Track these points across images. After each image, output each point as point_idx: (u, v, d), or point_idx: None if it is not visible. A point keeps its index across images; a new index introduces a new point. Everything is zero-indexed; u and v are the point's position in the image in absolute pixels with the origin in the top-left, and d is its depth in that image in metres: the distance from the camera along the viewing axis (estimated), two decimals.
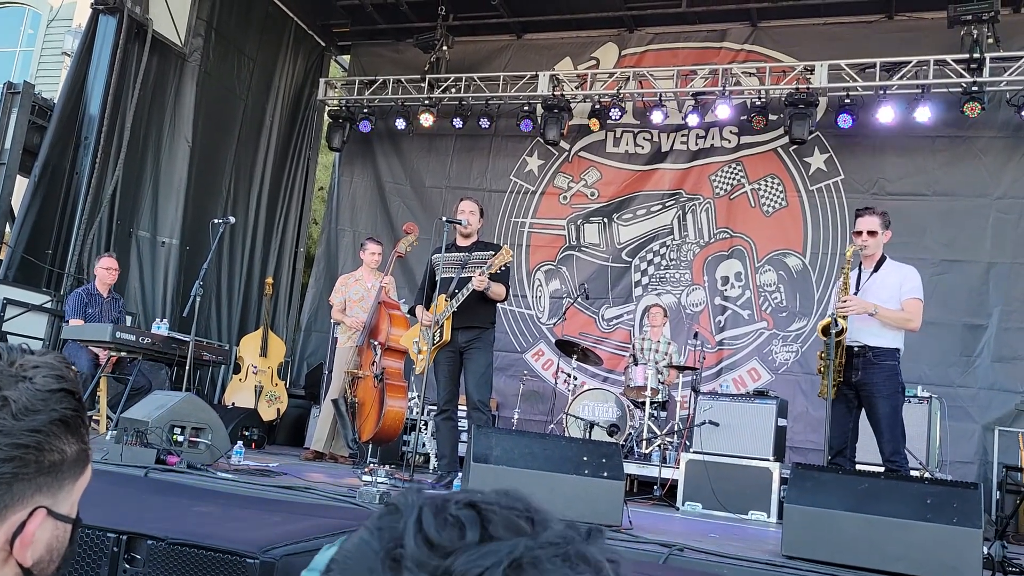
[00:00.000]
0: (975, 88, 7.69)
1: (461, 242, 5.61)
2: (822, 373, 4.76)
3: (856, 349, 4.72)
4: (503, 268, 5.25)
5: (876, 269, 4.87)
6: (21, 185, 7.85)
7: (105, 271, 6.99)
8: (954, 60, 7.83)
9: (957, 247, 8.12)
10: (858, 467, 6.09)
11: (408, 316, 6.46)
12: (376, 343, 6.34)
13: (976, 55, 7.67)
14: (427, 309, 5.47)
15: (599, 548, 0.59)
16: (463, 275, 5.35)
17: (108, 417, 6.71)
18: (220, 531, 2.70)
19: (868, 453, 6.46)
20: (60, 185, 7.87)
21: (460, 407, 5.66)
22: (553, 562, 0.55)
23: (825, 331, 4.72)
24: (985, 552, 3.47)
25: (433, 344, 5.35)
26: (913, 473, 6.10)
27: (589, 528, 0.61)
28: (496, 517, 0.57)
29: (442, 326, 5.30)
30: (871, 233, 4.82)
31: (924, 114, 7.93)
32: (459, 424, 5.81)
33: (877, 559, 3.32)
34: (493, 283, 5.21)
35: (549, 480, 3.83)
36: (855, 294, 4.84)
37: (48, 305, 7.63)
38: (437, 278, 5.46)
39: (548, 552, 0.55)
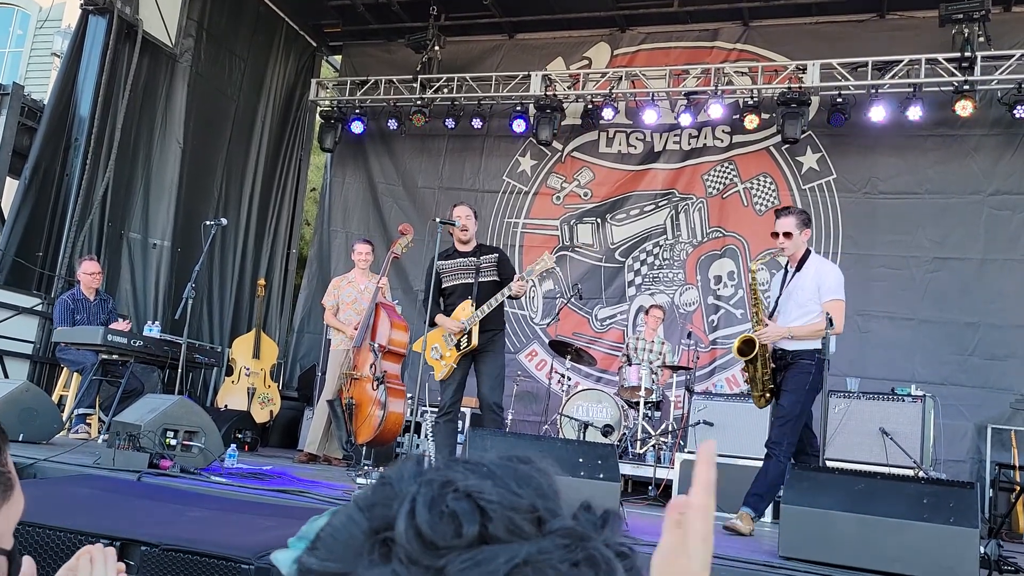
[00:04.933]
0: (966, 87, 7.71)
1: (461, 247, 5.64)
2: (751, 385, 4.81)
3: (779, 353, 4.74)
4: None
5: (800, 268, 4.79)
6: (11, 187, 7.80)
7: (89, 276, 6.92)
8: (945, 59, 7.85)
9: (950, 245, 8.14)
10: (854, 467, 6.12)
11: (406, 322, 6.53)
12: (375, 345, 6.32)
13: (967, 54, 7.69)
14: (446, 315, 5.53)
15: (614, 537, 0.56)
16: (483, 279, 5.40)
17: (100, 420, 6.67)
18: (214, 536, 2.68)
19: (864, 452, 6.49)
20: (50, 187, 7.81)
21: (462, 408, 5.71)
22: (558, 570, 0.51)
23: (741, 351, 4.70)
24: (981, 551, 3.47)
25: (460, 350, 5.42)
26: (907, 472, 6.12)
27: (605, 513, 0.57)
28: (497, 515, 0.52)
29: (470, 332, 5.36)
30: (787, 235, 4.71)
31: (916, 113, 7.96)
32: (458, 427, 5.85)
33: (874, 559, 3.31)
34: (517, 286, 5.36)
35: None
36: (779, 296, 4.84)
37: (39, 308, 7.58)
38: (444, 285, 5.55)
39: (554, 558, 0.52)
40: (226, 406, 7.89)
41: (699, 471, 0.67)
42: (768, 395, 4.74)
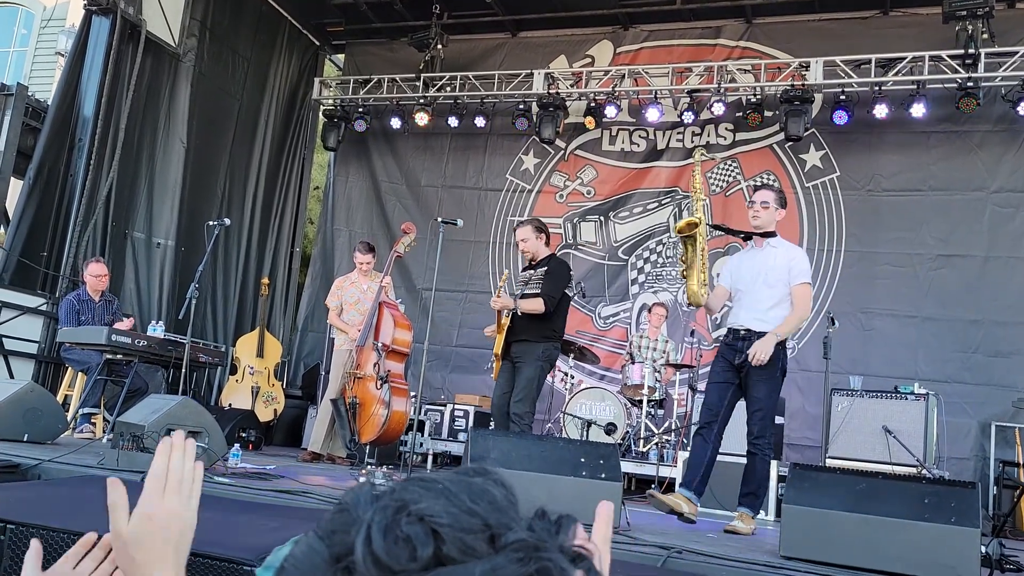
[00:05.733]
0: (970, 84, 7.70)
1: (529, 261, 5.78)
2: (685, 277, 4.60)
3: (742, 333, 4.56)
4: (539, 283, 5.47)
5: (764, 248, 4.62)
6: (16, 187, 7.82)
7: (95, 279, 6.92)
8: (949, 56, 7.83)
9: (953, 242, 8.13)
10: (857, 465, 6.12)
11: (410, 321, 6.61)
12: (379, 344, 6.33)
13: (971, 50, 7.68)
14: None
15: (567, 542, 0.57)
16: (527, 292, 5.56)
17: (105, 419, 6.70)
18: (218, 538, 2.69)
19: (865, 450, 6.49)
20: (55, 187, 7.84)
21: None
22: None
23: (681, 229, 4.48)
24: (983, 550, 3.47)
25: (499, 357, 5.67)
26: (910, 470, 6.11)
27: (559, 518, 0.58)
28: (449, 536, 0.54)
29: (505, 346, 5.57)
30: (764, 204, 4.59)
31: (919, 110, 7.95)
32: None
33: (875, 559, 3.32)
34: (523, 301, 5.46)
35: (547, 482, 3.82)
36: (751, 279, 4.62)
37: (44, 308, 7.61)
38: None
39: (507, 572, 0.53)
40: (230, 405, 7.91)
41: (598, 528, 0.71)
42: (706, 289, 4.55)
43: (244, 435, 6.89)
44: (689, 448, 4.92)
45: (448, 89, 9.62)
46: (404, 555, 0.53)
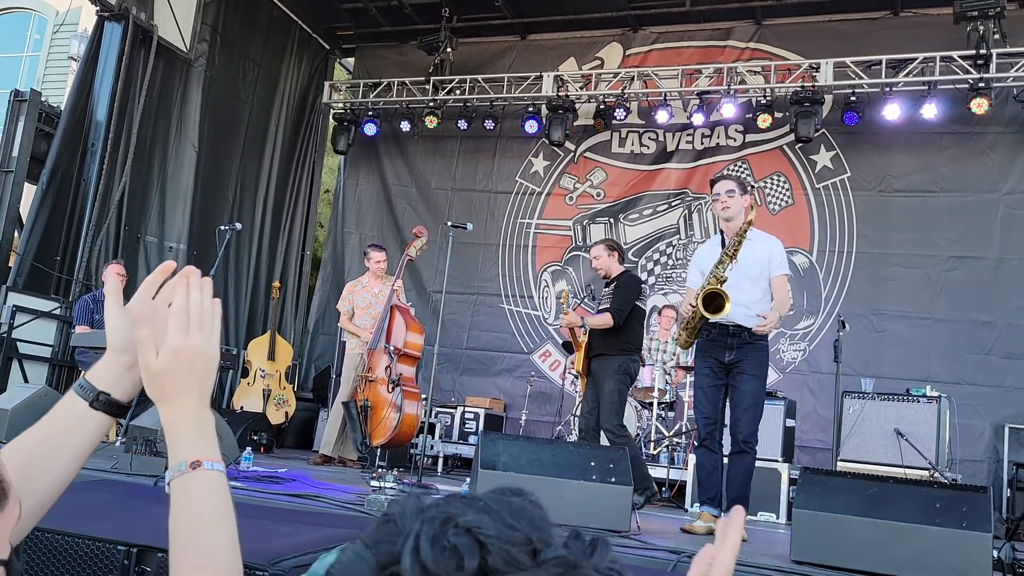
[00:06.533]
0: (982, 84, 7.66)
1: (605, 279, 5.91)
2: (688, 331, 4.52)
3: (731, 329, 4.41)
4: (611, 294, 5.63)
5: (741, 239, 4.43)
6: (29, 192, 7.89)
7: (114, 275, 6.99)
8: (960, 56, 7.79)
9: (966, 243, 8.09)
10: (869, 468, 6.09)
11: (421, 325, 6.70)
12: (390, 348, 6.35)
13: (982, 51, 7.63)
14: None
15: (603, 562, 0.59)
16: (599, 308, 5.77)
17: (118, 423, 6.74)
18: None
19: (877, 453, 6.47)
20: (68, 192, 7.90)
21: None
22: None
23: (708, 301, 4.27)
24: (995, 554, 3.46)
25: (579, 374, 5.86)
26: (922, 473, 6.09)
27: (593, 541, 0.60)
28: (495, 548, 0.56)
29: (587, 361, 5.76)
30: (730, 194, 4.42)
31: (931, 111, 7.91)
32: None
33: (887, 564, 3.31)
34: (592, 317, 5.71)
35: (557, 486, 3.83)
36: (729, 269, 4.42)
37: (57, 312, 7.67)
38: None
39: None
40: (242, 408, 7.95)
41: (730, 537, 0.72)
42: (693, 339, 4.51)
43: (256, 438, 6.93)
44: (696, 462, 4.90)
45: (457, 92, 9.64)
46: (452, 565, 0.55)
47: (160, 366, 0.96)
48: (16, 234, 7.86)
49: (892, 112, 8.06)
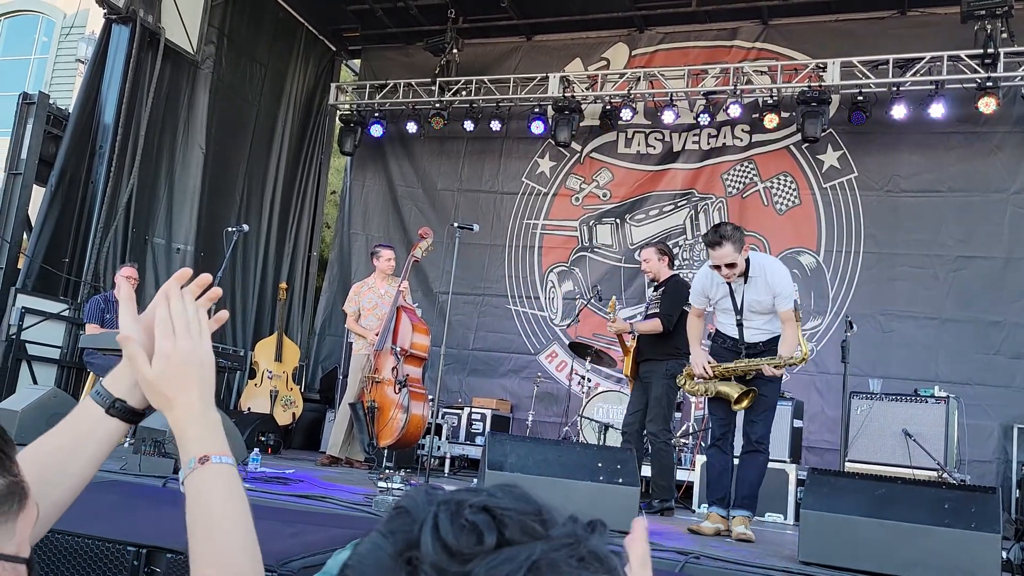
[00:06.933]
0: (989, 83, 7.63)
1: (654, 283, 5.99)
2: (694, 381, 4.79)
3: (760, 346, 4.63)
4: (658, 297, 5.74)
5: (746, 278, 4.57)
6: (38, 195, 7.93)
7: (125, 279, 7.02)
8: (967, 55, 7.77)
9: (973, 243, 8.06)
10: (877, 468, 6.08)
11: (427, 326, 6.72)
12: (396, 349, 6.36)
13: (990, 50, 7.61)
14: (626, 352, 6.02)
15: (604, 541, 0.62)
16: (648, 312, 5.87)
17: None
18: None
19: (885, 453, 6.45)
20: (76, 194, 7.94)
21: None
22: (569, 563, 0.58)
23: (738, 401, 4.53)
24: (1004, 555, 3.45)
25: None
26: (930, 474, 6.07)
27: (592, 522, 0.63)
28: (511, 521, 0.59)
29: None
30: (730, 266, 4.47)
31: (938, 110, 7.88)
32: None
33: (895, 565, 3.30)
34: (640, 323, 5.82)
35: (564, 487, 3.83)
36: (740, 311, 4.62)
37: (66, 313, 7.70)
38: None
39: (563, 554, 0.58)
40: (249, 409, 7.97)
41: (635, 546, 0.73)
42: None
43: (263, 439, 6.94)
44: (706, 462, 4.93)
45: (464, 93, 9.64)
46: (472, 540, 0.57)
47: (154, 373, 1.00)
48: (25, 236, 7.90)
49: (899, 112, 8.03)
